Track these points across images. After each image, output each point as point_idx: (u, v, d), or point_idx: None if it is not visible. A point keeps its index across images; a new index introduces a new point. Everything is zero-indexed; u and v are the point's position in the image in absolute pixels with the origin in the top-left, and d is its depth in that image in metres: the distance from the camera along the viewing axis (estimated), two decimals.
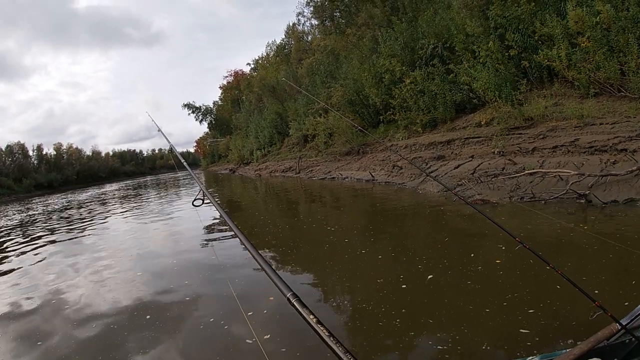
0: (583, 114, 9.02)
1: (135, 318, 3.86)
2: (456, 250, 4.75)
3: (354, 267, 4.49)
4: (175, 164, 4.47)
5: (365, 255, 4.82)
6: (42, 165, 62.77)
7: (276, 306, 3.63)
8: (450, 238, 5.30)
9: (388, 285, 3.78)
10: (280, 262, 5.13)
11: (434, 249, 4.86)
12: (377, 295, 3.61)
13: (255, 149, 35.99)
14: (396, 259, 4.57)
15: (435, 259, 4.37)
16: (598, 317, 2.50)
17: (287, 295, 1.10)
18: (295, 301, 1.08)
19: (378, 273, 4.16)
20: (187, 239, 7.80)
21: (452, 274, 3.91)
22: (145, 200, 20.03)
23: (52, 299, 4.78)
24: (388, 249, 4.97)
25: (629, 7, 8.78)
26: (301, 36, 35.57)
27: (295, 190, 16.29)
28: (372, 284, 3.85)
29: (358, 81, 18.62)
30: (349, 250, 5.19)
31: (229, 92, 58.47)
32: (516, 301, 3.24)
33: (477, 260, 4.23)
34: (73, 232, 10.50)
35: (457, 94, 13.00)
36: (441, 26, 13.90)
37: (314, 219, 8.15)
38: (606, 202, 6.32)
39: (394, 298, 3.52)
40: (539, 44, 10.66)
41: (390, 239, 5.71)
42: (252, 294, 4.10)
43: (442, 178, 10.15)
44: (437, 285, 3.70)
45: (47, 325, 4.00)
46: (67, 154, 71.69)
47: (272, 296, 3.82)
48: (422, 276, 3.89)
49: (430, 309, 3.28)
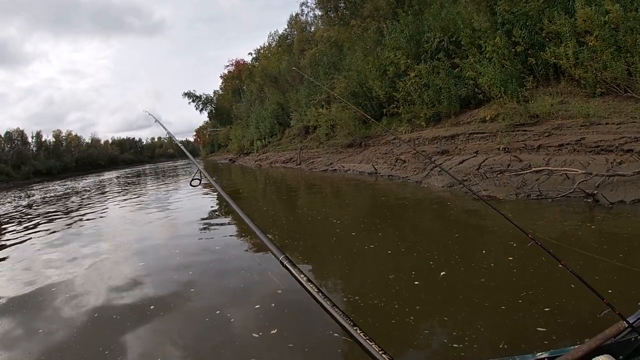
0: (589, 113, 9.00)
1: (139, 308, 3.87)
2: (467, 247, 4.76)
3: (363, 261, 4.50)
4: (176, 152, 4.46)
5: (374, 250, 4.83)
6: (41, 152, 62.60)
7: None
8: (460, 234, 5.32)
9: (400, 281, 3.79)
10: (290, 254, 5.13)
11: (444, 245, 4.87)
12: (390, 291, 3.62)
13: (256, 139, 35.85)
14: (406, 255, 4.57)
15: (446, 255, 4.38)
16: (606, 315, 2.54)
17: (280, 257, 1.23)
18: (287, 262, 1.21)
19: (389, 268, 4.17)
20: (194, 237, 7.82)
21: (464, 271, 3.92)
22: (153, 188, 20.00)
23: (55, 285, 4.78)
24: (397, 244, 4.97)
25: (638, 7, 8.73)
26: (304, 27, 35.27)
27: (297, 181, 16.28)
28: (383, 280, 3.86)
29: (362, 73, 18.51)
30: (357, 244, 5.20)
31: (230, 81, 58.06)
32: (531, 299, 3.26)
33: (489, 257, 4.24)
34: (84, 219, 10.49)
35: (462, 88, 12.95)
36: (447, 20, 13.78)
37: (318, 211, 8.15)
38: (613, 202, 6.33)
39: (407, 295, 3.53)
40: (546, 41, 10.60)
41: (399, 233, 5.71)
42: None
43: (445, 173, 10.14)
44: (450, 282, 3.71)
45: (48, 313, 4.02)
46: (66, 141, 71.47)
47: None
48: (434, 272, 3.90)
49: (444, 306, 3.29)
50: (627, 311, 1.84)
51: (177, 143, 3.60)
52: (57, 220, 10.88)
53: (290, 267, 1.19)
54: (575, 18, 9.68)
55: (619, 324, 1.63)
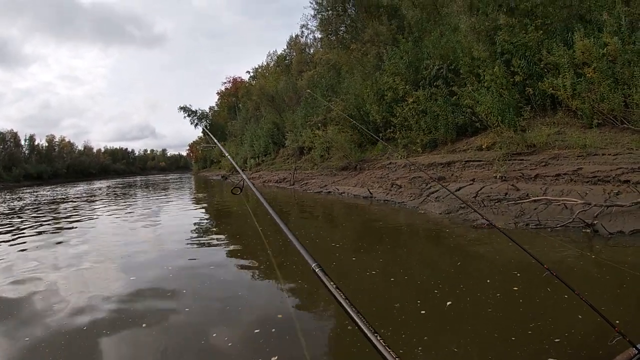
0: (586, 144, 9.11)
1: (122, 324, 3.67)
2: (471, 275, 4.67)
3: (366, 289, 4.36)
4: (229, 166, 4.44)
5: (376, 277, 4.70)
6: (33, 156, 62.08)
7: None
8: (462, 262, 5.21)
9: (406, 310, 3.66)
10: (286, 277, 4.97)
11: (447, 273, 4.76)
12: (396, 320, 3.49)
13: (250, 157, 35.83)
14: (410, 282, 4.45)
15: (450, 284, 4.27)
16: (617, 342, 2.53)
17: (312, 265, 1.31)
18: (318, 270, 1.28)
19: (393, 297, 4.04)
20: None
21: (471, 300, 3.81)
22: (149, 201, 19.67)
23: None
24: (399, 271, 4.85)
25: (636, 40, 8.97)
26: (303, 48, 35.82)
27: (292, 201, 16.13)
28: (388, 309, 3.73)
29: (359, 97, 18.68)
30: (358, 269, 5.06)
31: (226, 98, 58.48)
32: (540, 329, 3.18)
33: (494, 287, 4.15)
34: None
35: (460, 116, 13.08)
36: (447, 48, 14.03)
37: (316, 234, 7.99)
38: (612, 232, 6.35)
39: (414, 324, 3.40)
40: (544, 71, 10.81)
41: (400, 260, 5.59)
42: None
43: (443, 199, 10.12)
44: (458, 311, 3.60)
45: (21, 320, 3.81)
46: (59, 146, 70.99)
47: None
48: (440, 302, 3.78)
49: (453, 337, 3.16)
50: (637, 340, 1.80)
51: (227, 155, 3.90)
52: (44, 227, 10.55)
53: (321, 275, 1.26)
54: (573, 50, 9.91)
55: (630, 350, 1.77)
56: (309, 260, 1.33)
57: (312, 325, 3.61)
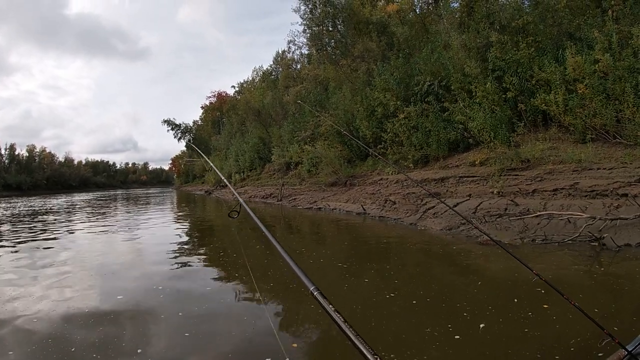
0: (580, 159, 9.22)
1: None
2: (495, 295, 4.51)
3: (389, 313, 4.11)
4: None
5: (396, 300, 4.46)
6: (13, 166, 60.17)
7: None
8: (482, 281, 5.06)
9: (439, 335, 3.45)
10: (295, 306, 4.63)
11: (471, 294, 4.58)
12: (430, 347, 3.27)
13: (234, 172, 35.35)
14: (435, 305, 4.24)
15: (477, 305, 4.09)
16: (606, 343, 2.62)
17: (310, 288, 1.29)
18: (317, 294, 1.27)
19: (422, 321, 3.82)
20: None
21: (504, 322, 3.64)
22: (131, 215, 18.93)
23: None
24: (419, 293, 4.63)
25: (626, 57, 9.21)
26: (290, 64, 35.93)
27: (282, 218, 15.77)
28: (420, 334, 3.51)
29: (349, 112, 18.68)
30: (374, 292, 4.82)
31: (211, 112, 58.04)
32: (581, 345, 3.06)
33: (523, 306, 3.99)
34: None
35: (452, 132, 13.16)
36: (438, 64, 14.21)
37: (318, 253, 7.70)
38: (620, 245, 6.38)
39: (450, 351, 3.19)
40: (536, 88, 11.00)
41: (415, 280, 5.37)
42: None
43: (442, 215, 10.04)
44: (493, 334, 3.41)
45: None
46: (39, 157, 69.29)
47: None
48: (472, 325, 3.59)
49: None
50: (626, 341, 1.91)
51: (217, 171, 3.99)
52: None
53: (319, 298, 1.25)
54: (565, 66, 10.12)
55: (619, 352, 1.79)
56: (307, 284, 1.31)
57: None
